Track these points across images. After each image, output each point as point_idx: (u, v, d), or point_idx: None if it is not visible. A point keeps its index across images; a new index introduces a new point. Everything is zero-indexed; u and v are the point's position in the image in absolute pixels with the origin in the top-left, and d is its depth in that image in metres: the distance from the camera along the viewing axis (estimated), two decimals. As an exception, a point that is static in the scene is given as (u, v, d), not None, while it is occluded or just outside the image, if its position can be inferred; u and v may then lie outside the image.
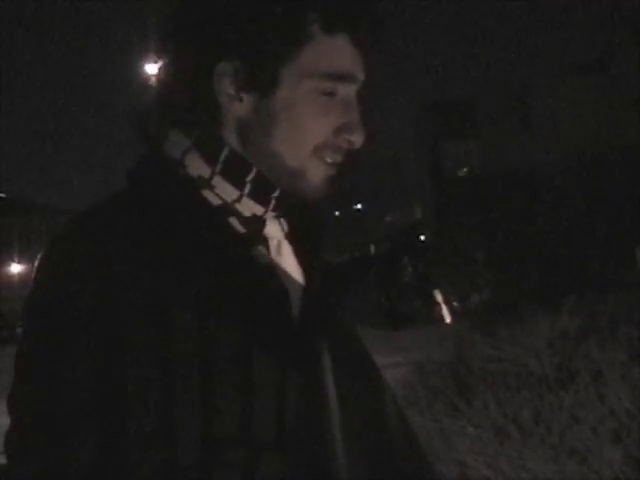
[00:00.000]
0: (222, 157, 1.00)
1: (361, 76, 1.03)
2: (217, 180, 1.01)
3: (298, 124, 0.99)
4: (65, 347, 0.88)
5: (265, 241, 1.03)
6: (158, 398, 0.88)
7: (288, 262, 1.05)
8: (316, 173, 1.01)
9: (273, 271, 1.00)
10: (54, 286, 0.91)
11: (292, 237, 1.08)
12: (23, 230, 48.78)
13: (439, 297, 1.12)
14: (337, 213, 41.45)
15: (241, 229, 1.01)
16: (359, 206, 43.44)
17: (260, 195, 1.02)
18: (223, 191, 1.01)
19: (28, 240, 47.55)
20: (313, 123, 0.99)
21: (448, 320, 1.11)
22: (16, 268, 48.62)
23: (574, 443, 4.62)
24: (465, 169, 27.12)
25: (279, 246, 1.05)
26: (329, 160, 1.02)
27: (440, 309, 1.13)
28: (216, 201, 1.01)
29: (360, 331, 1.16)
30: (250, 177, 1.01)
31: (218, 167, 1.00)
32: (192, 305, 0.92)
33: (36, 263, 0.96)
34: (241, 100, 0.99)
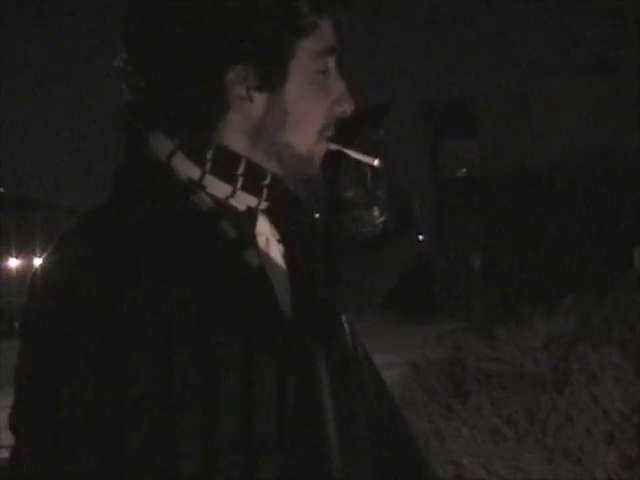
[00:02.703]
0: (209, 156, 1.00)
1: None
2: (209, 179, 1.00)
3: (307, 110, 1.01)
4: (65, 359, 0.88)
5: (254, 238, 1.03)
6: (159, 407, 0.88)
7: (276, 260, 1.05)
8: (320, 153, 1.04)
9: (263, 274, 1.00)
10: (53, 296, 0.91)
11: (283, 234, 1.07)
12: (21, 225, 48.66)
13: None
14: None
15: (233, 232, 1.00)
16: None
17: (252, 185, 1.02)
18: (216, 189, 1.00)
19: (26, 235, 47.45)
20: (317, 104, 1.01)
21: None
22: (14, 263, 48.53)
23: (568, 444, 4.63)
24: (464, 169, 27.06)
25: (267, 243, 1.05)
26: (328, 136, 1.04)
27: None
28: (207, 204, 1.00)
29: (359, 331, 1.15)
30: (241, 170, 1.01)
31: (208, 166, 1.00)
32: (190, 311, 0.92)
33: (36, 271, 0.95)
34: (252, 100, 0.99)
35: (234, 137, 1.01)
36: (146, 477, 0.87)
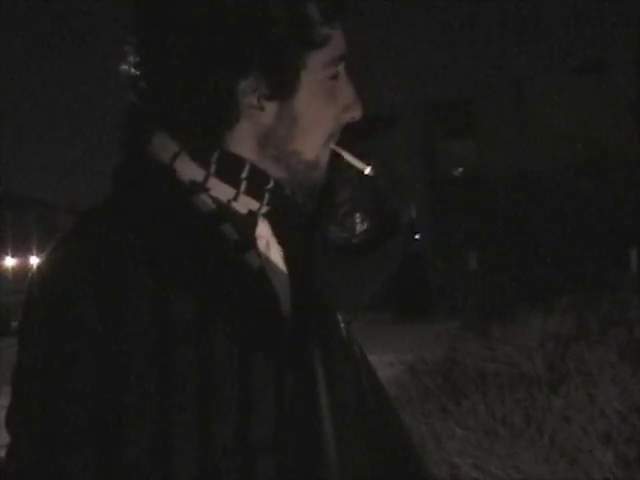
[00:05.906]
0: (214, 158, 1.00)
1: None
2: (212, 181, 1.00)
3: (316, 117, 1.01)
4: (65, 361, 0.88)
5: (254, 241, 1.03)
6: (156, 407, 0.89)
7: (277, 262, 1.05)
8: (325, 158, 1.04)
9: (264, 275, 1.00)
10: (52, 296, 0.91)
11: (283, 237, 1.07)
12: (17, 224, 48.62)
13: None
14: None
15: (234, 235, 1.00)
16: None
17: (255, 190, 1.02)
18: (219, 192, 1.00)
19: (23, 234, 47.41)
20: (326, 111, 1.02)
21: None
22: (10, 262, 48.47)
23: (564, 444, 4.64)
24: (460, 169, 27.06)
25: (267, 246, 1.05)
26: (334, 142, 1.05)
27: None
28: (209, 206, 1.00)
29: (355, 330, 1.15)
30: (245, 174, 1.01)
31: (212, 168, 1.00)
32: (190, 313, 0.92)
33: (35, 270, 0.94)
34: (263, 109, 0.99)
35: (244, 144, 1.01)
36: (143, 477, 0.87)
